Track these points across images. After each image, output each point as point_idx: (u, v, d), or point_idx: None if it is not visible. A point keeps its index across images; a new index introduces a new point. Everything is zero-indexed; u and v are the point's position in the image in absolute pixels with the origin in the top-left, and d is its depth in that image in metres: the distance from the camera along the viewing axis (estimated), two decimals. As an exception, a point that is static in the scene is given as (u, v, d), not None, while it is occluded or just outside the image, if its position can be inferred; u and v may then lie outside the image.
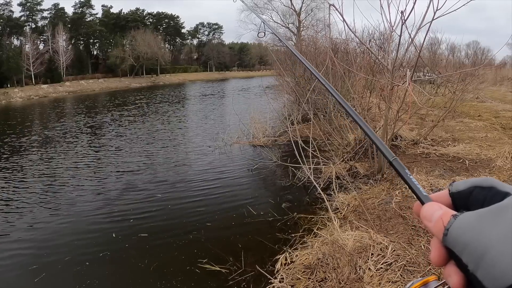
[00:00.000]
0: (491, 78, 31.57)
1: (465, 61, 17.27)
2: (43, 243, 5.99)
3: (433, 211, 0.53)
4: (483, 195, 0.52)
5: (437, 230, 0.50)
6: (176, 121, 20.39)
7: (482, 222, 0.46)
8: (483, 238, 0.44)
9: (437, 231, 0.50)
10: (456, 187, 0.57)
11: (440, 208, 0.52)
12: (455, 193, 0.56)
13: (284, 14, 45.94)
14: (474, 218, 0.47)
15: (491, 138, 9.75)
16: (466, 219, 0.47)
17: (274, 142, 12.37)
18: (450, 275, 0.49)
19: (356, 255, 4.27)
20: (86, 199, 7.95)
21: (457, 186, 0.56)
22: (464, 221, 0.47)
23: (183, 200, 7.77)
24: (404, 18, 5.79)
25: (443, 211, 0.52)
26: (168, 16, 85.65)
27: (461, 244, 0.46)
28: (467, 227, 0.46)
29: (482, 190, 0.53)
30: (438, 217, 0.51)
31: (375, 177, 7.30)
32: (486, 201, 0.51)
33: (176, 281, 4.78)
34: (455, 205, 0.56)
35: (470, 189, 0.55)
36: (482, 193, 0.53)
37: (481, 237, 0.44)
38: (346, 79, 8.57)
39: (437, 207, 0.53)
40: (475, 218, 0.47)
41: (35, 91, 45.92)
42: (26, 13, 65.03)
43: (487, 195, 0.52)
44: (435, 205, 0.54)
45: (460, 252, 0.46)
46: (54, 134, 16.87)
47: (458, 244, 0.47)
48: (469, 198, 0.54)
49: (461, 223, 0.47)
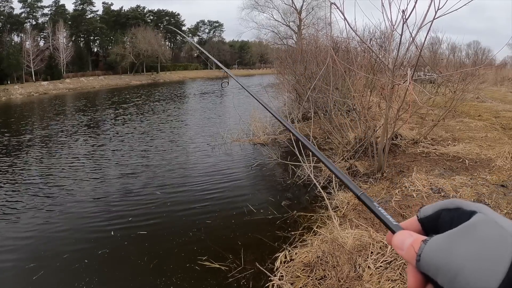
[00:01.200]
0: (492, 78, 31.55)
1: (465, 61, 17.29)
2: (41, 241, 5.97)
3: (404, 239, 0.54)
4: (450, 216, 0.53)
5: (409, 257, 0.52)
6: (176, 119, 20.40)
7: (452, 243, 0.47)
8: (454, 258, 0.46)
9: (410, 258, 0.52)
10: (424, 212, 0.58)
11: (411, 236, 0.54)
12: (423, 218, 0.58)
13: (285, 12, 45.95)
14: (443, 240, 0.48)
15: (491, 138, 9.74)
16: (436, 242, 0.49)
17: (274, 140, 12.37)
18: None
19: (355, 253, 4.28)
20: (85, 197, 7.94)
21: (425, 212, 0.58)
22: (434, 244, 0.49)
23: (182, 198, 7.77)
24: (405, 17, 5.78)
25: (413, 238, 0.53)
26: (168, 14, 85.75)
27: (434, 267, 0.47)
28: (437, 250, 0.48)
29: (449, 212, 0.54)
30: (409, 244, 0.52)
31: (375, 176, 7.30)
32: (453, 222, 0.52)
33: (176, 278, 4.79)
34: (425, 230, 0.57)
35: (437, 213, 0.56)
36: (449, 215, 0.54)
37: (452, 258, 0.46)
38: (347, 78, 8.56)
39: (408, 234, 0.55)
40: (444, 240, 0.48)
41: (35, 88, 45.92)
42: (27, 9, 65.08)
43: (454, 216, 0.53)
44: (405, 233, 0.55)
45: (434, 275, 0.47)
46: (53, 131, 16.87)
47: (431, 267, 0.48)
48: (438, 221, 0.55)
49: (432, 247, 0.49)
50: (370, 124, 7.98)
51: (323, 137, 10.50)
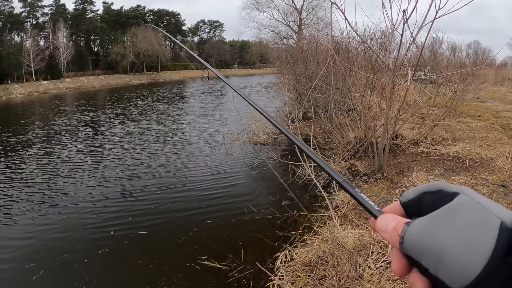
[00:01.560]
0: (492, 79, 31.54)
1: (466, 61, 17.29)
2: (40, 241, 5.96)
3: (387, 222, 0.54)
4: (433, 199, 0.53)
5: (393, 240, 0.51)
6: (176, 118, 20.40)
7: (435, 224, 0.47)
8: (438, 239, 0.45)
9: (394, 241, 0.51)
10: (406, 196, 0.57)
11: (394, 219, 0.53)
12: (406, 202, 0.57)
13: (286, 12, 45.92)
14: (426, 222, 0.48)
15: (492, 138, 9.73)
16: (419, 224, 0.49)
17: (275, 140, 12.37)
18: (415, 283, 0.50)
19: (356, 253, 4.27)
20: (84, 197, 7.93)
21: (407, 196, 0.57)
22: (418, 226, 0.49)
23: (182, 198, 7.77)
24: (406, 17, 5.78)
25: (397, 221, 0.53)
26: (169, 13, 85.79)
27: (418, 249, 0.47)
28: (421, 232, 0.48)
29: (431, 194, 0.54)
30: (392, 227, 0.52)
31: (375, 176, 7.30)
32: (436, 204, 0.51)
33: (176, 278, 4.79)
34: (408, 214, 0.57)
35: (419, 196, 0.55)
36: (431, 197, 0.54)
37: (436, 239, 0.46)
38: (347, 78, 8.55)
39: (391, 217, 0.54)
40: (428, 221, 0.48)
41: (36, 87, 45.93)
42: (27, 9, 65.10)
43: (436, 199, 0.52)
44: (389, 216, 0.55)
45: (419, 257, 0.47)
46: (52, 131, 16.89)
47: (415, 250, 0.48)
48: (420, 204, 0.55)
49: (415, 229, 0.48)
50: (370, 124, 7.98)
51: (324, 137, 10.50)
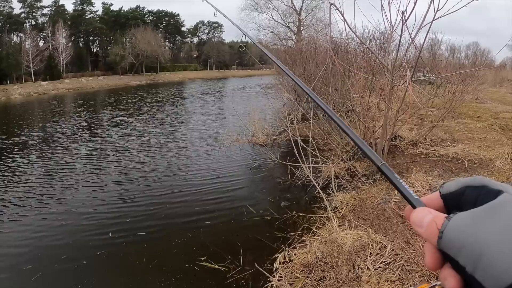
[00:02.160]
0: (491, 80, 31.54)
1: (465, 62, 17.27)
2: (39, 242, 5.95)
3: (423, 216, 0.52)
4: (475, 194, 0.52)
5: (429, 234, 0.50)
6: (175, 119, 20.37)
7: (477, 221, 0.45)
8: (479, 238, 0.44)
9: (430, 236, 0.49)
10: (447, 188, 0.56)
11: (430, 213, 0.52)
12: (446, 194, 0.56)
13: (285, 13, 45.97)
14: (468, 218, 0.46)
15: (490, 139, 9.76)
16: (460, 219, 0.47)
17: (274, 141, 12.37)
18: (447, 278, 0.48)
19: (354, 254, 4.28)
20: (82, 199, 7.89)
21: (448, 187, 0.56)
22: (459, 222, 0.47)
23: (181, 199, 7.76)
24: (405, 18, 5.80)
25: (433, 215, 0.51)
26: (168, 14, 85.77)
27: (456, 246, 0.45)
28: (462, 228, 0.46)
29: (474, 189, 0.52)
30: (430, 220, 0.50)
31: (374, 177, 7.30)
32: (478, 200, 0.50)
33: (175, 279, 4.79)
34: (447, 207, 0.55)
35: (461, 190, 0.54)
36: (474, 192, 0.52)
37: (477, 237, 0.44)
38: (346, 79, 8.56)
39: (427, 211, 0.52)
40: (470, 218, 0.46)
41: (35, 88, 45.90)
42: (26, 9, 65.07)
43: (479, 194, 0.51)
44: (425, 210, 0.53)
45: (456, 255, 0.46)
46: (50, 133, 16.86)
47: (453, 246, 0.46)
48: (461, 198, 0.53)
49: (456, 224, 0.47)
50: (369, 125, 7.99)
51: (322, 138, 10.49)
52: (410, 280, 3.66)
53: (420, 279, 3.66)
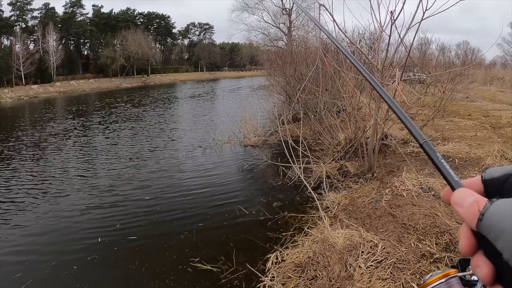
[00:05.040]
0: (481, 78, 31.88)
1: (455, 61, 17.43)
2: (28, 248, 5.89)
3: (466, 196, 0.51)
4: None
5: (469, 215, 0.49)
6: (167, 121, 20.34)
7: None
8: None
9: (470, 217, 0.48)
10: (490, 174, 0.55)
11: (473, 195, 0.51)
12: (488, 180, 0.54)
13: (275, 14, 46.08)
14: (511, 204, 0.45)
15: (481, 137, 9.83)
16: (504, 205, 0.46)
17: (265, 141, 12.39)
18: (479, 266, 0.48)
19: (346, 253, 4.29)
20: (71, 204, 7.79)
21: (492, 173, 0.55)
22: (501, 206, 0.46)
23: (173, 201, 7.74)
24: (394, 18, 5.84)
25: (475, 197, 0.50)
26: (159, 16, 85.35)
27: (496, 230, 0.44)
28: (504, 213, 0.45)
29: None
30: (472, 201, 0.49)
31: (365, 176, 7.34)
32: None
33: (169, 280, 4.78)
34: (488, 193, 0.54)
35: (505, 177, 0.53)
36: None
37: None
38: (336, 79, 8.60)
39: (470, 193, 0.51)
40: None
41: (25, 92, 45.47)
42: (16, 12, 64.37)
43: None
44: (468, 191, 0.52)
45: (494, 239, 0.45)
46: (41, 135, 16.69)
47: (493, 230, 0.45)
48: (504, 185, 0.52)
49: (498, 209, 0.46)
50: (360, 125, 8.02)
51: (314, 138, 10.53)
52: (402, 278, 3.68)
53: (411, 277, 3.68)
